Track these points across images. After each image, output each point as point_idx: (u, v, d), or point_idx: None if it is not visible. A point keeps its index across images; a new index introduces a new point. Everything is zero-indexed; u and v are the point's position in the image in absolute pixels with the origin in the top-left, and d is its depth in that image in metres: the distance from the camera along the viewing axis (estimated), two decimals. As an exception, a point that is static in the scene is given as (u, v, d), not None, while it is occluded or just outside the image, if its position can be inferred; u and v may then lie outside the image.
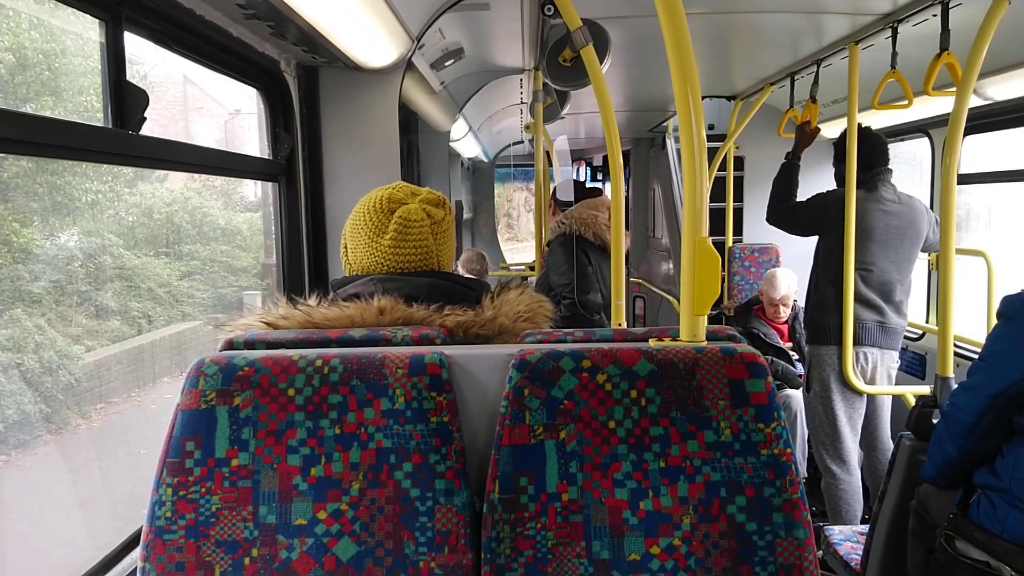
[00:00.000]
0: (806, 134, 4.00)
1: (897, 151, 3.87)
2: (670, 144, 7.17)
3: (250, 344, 1.37)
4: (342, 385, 1.28)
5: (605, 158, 10.30)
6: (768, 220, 4.03)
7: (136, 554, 1.47)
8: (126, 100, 1.68)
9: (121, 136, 1.69)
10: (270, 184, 2.79)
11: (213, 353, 1.33)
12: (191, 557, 1.25)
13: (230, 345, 1.38)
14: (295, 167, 2.80)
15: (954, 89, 2.71)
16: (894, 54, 3.12)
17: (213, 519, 1.25)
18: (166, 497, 1.25)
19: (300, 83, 2.81)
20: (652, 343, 1.35)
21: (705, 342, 1.35)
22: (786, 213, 3.93)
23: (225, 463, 1.26)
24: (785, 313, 4.91)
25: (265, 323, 1.44)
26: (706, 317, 1.38)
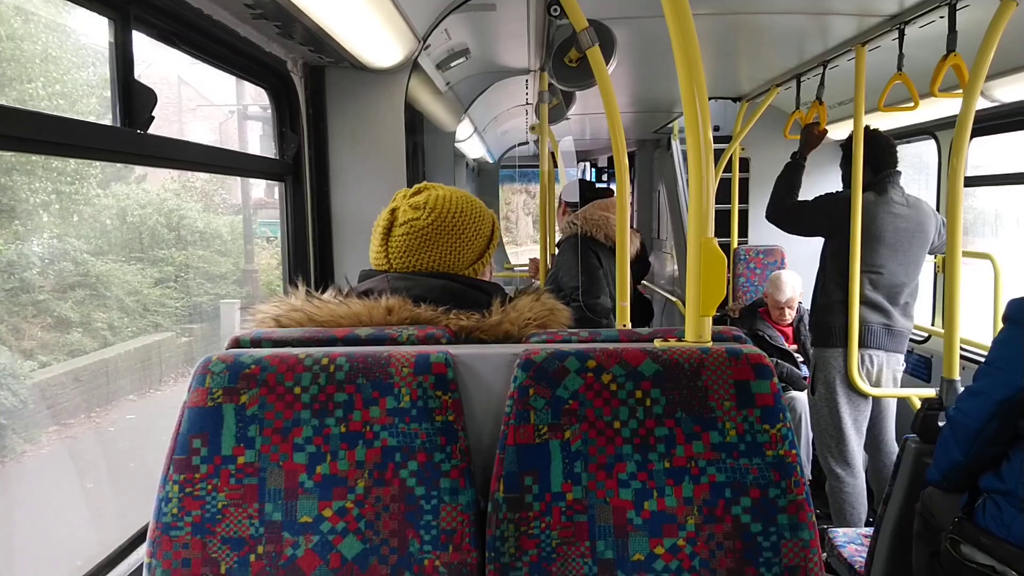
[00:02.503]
0: (813, 135, 3.98)
1: (902, 153, 3.85)
2: (675, 145, 7.16)
3: (256, 342, 1.38)
4: (348, 383, 1.29)
5: (610, 159, 10.30)
6: (768, 218, 4.01)
7: (142, 550, 1.48)
8: (134, 99, 1.69)
9: (130, 135, 1.70)
10: (257, 182, 2.79)
11: (219, 351, 1.34)
12: (197, 553, 1.25)
13: (236, 343, 1.38)
14: (301, 166, 2.81)
15: (961, 91, 2.70)
16: (900, 56, 3.11)
17: (219, 516, 1.26)
18: (172, 494, 1.26)
19: (307, 83, 2.82)
20: (657, 344, 1.35)
21: (711, 343, 1.36)
22: (790, 212, 3.89)
23: (231, 460, 1.27)
24: (790, 316, 4.90)
25: (275, 319, 1.45)
26: (711, 318, 1.39)
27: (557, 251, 3.92)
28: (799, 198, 3.93)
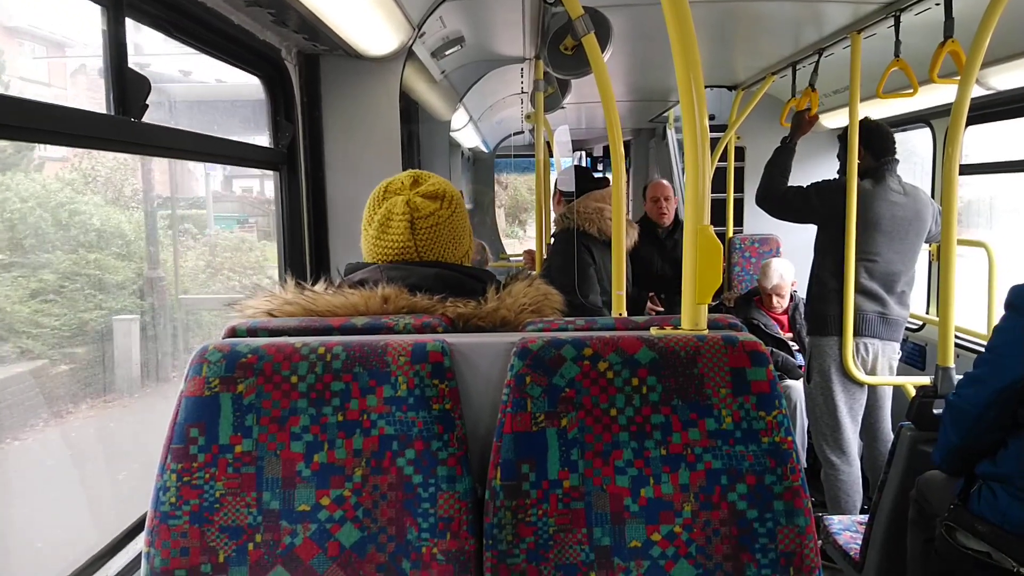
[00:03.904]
0: (805, 121, 3.98)
1: (894, 143, 3.85)
2: (671, 134, 7.14)
3: (253, 331, 1.38)
4: (344, 372, 1.29)
5: (605, 148, 10.28)
6: (758, 203, 3.97)
7: (140, 540, 1.48)
8: (128, 87, 1.68)
9: (123, 123, 1.69)
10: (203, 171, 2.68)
11: (216, 340, 1.33)
12: (195, 542, 1.25)
13: (233, 332, 1.38)
14: (296, 156, 2.80)
15: (957, 77, 2.70)
16: (897, 42, 3.11)
17: (217, 505, 1.26)
18: (170, 483, 1.26)
19: (301, 71, 2.80)
20: (654, 331, 1.35)
21: (707, 330, 1.36)
22: (784, 198, 3.86)
23: (229, 449, 1.27)
24: (781, 303, 4.91)
25: (268, 312, 1.44)
26: (707, 306, 1.39)
27: (552, 242, 3.88)
28: (789, 183, 3.91)
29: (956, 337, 3.15)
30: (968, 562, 2.06)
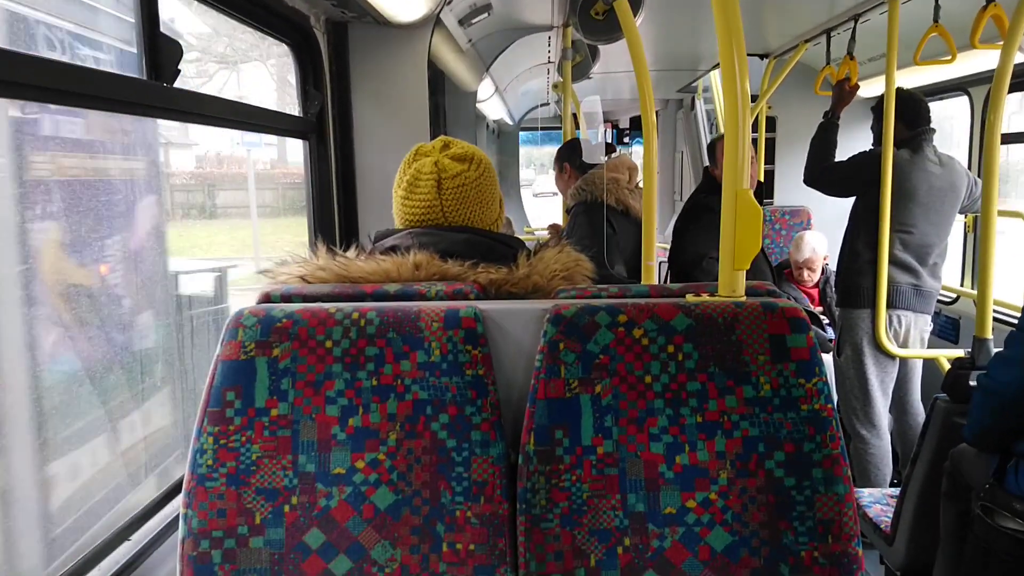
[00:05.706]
0: (845, 92, 3.87)
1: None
2: (699, 105, 7.03)
3: (287, 297, 1.38)
4: (378, 338, 1.29)
5: (632, 119, 10.16)
6: (805, 181, 3.93)
7: (176, 502, 1.50)
8: (161, 52, 1.67)
9: (156, 88, 1.68)
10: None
11: (251, 305, 1.34)
12: (232, 504, 1.27)
13: (267, 298, 1.38)
14: (325, 124, 2.79)
15: (1000, 43, 2.62)
16: (936, 7, 3.02)
17: (253, 467, 1.27)
18: (207, 445, 1.27)
19: (330, 39, 2.79)
20: (690, 298, 1.33)
21: (744, 297, 1.34)
22: (825, 174, 3.81)
23: (264, 413, 1.28)
24: (811, 276, 4.84)
25: (301, 278, 1.44)
26: (745, 272, 1.37)
27: (570, 215, 3.82)
28: (835, 158, 3.84)
29: (994, 310, 3.09)
30: (1007, 540, 2.02)
